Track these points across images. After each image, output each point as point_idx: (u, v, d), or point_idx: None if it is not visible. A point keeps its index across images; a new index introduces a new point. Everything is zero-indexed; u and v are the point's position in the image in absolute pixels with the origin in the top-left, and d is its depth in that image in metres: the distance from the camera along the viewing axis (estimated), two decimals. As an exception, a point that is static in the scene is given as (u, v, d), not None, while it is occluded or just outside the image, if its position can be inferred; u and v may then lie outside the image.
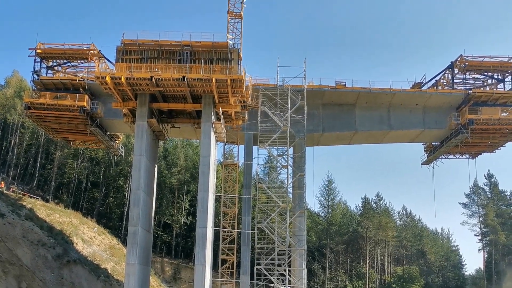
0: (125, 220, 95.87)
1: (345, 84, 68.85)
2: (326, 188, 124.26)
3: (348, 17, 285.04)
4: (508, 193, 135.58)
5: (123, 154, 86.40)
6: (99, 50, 65.46)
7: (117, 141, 77.76)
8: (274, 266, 62.58)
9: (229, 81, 54.02)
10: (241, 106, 60.64)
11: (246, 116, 64.00)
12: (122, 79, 53.65)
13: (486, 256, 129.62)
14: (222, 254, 66.35)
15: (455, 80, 71.81)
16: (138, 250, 53.20)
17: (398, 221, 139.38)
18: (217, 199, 72.28)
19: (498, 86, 72.12)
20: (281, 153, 67.01)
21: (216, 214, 67.05)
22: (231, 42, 59.03)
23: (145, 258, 56.15)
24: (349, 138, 74.15)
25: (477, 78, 73.36)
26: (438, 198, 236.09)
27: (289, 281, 61.94)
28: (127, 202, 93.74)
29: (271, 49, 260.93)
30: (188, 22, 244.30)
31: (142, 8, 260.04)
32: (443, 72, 72.53)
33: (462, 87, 71.35)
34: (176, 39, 57.07)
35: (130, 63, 55.95)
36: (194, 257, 66.63)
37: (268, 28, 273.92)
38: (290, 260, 64.39)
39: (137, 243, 53.22)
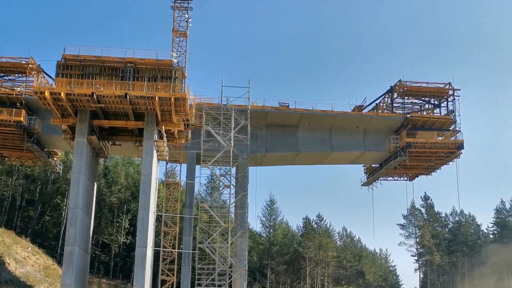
0: (62, 239, 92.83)
1: (288, 105, 69.64)
2: (268, 208, 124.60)
3: (293, 38, 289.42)
4: (443, 215, 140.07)
5: (61, 172, 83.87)
6: (38, 64, 63.81)
7: (55, 158, 75.54)
8: (215, 286, 61.98)
9: (172, 99, 53.58)
10: (185, 124, 60.17)
11: (189, 135, 63.56)
12: (62, 94, 52.30)
13: (422, 276, 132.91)
14: (162, 275, 65.18)
15: (394, 104, 73.97)
16: (74, 271, 51.49)
17: (338, 242, 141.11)
18: (158, 219, 71.10)
19: (435, 111, 74.66)
20: (224, 173, 66.91)
21: (157, 233, 65.92)
22: (175, 60, 58.80)
23: (81, 279, 54.39)
24: (291, 159, 74.80)
25: (415, 102, 75.76)
26: (377, 219, 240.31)
27: (230, 302, 61.45)
28: (64, 221, 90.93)
29: (216, 69, 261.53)
30: (133, 40, 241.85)
31: (86, 24, 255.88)
32: (383, 96, 74.54)
33: (401, 111, 73.49)
34: (119, 55, 56.18)
35: (71, 78, 54.61)
36: (133, 278, 65.13)
37: (213, 48, 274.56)
38: (231, 280, 63.92)
39: (74, 263, 51.54)
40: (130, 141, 61.14)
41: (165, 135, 57.26)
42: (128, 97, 52.82)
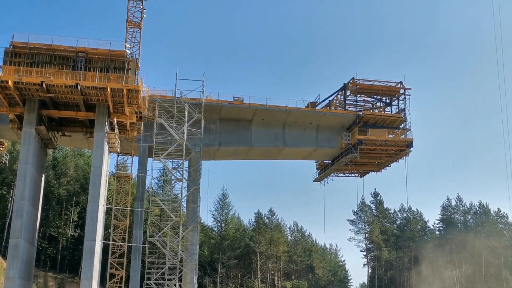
0: (7, 232, 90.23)
1: (242, 100, 69.62)
2: (220, 203, 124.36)
3: (249, 34, 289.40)
4: (392, 211, 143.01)
5: (7, 162, 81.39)
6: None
7: (1, 148, 73.27)
8: (165, 280, 61.51)
9: (125, 90, 52.69)
10: (137, 117, 59.30)
11: (142, 127, 62.68)
12: (10, 83, 50.64)
13: (370, 271, 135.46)
14: (111, 268, 64.17)
15: (347, 102, 74.98)
16: (19, 264, 50.12)
17: (289, 237, 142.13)
18: (108, 212, 69.98)
19: (386, 109, 76.06)
20: (176, 166, 66.33)
21: (106, 227, 64.90)
22: (129, 51, 57.75)
23: (26, 272, 52.98)
24: (245, 154, 74.85)
25: (367, 100, 77.00)
26: (328, 214, 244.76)
27: (180, 296, 61.11)
28: (10, 213, 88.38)
29: (171, 61, 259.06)
30: (85, 29, 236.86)
31: (35, 11, 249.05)
32: (336, 93, 75.43)
33: (353, 109, 74.58)
34: (71, 44, 54.84)
35: (19, 66, 52.99)
36: (80, 271, 63.93)
37: (168, 40, 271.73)
38: (181, 274, 63.57)
39: (19, 256, 50.16)
40: (81, 132, 59.81)
41: (116, 127, 56.24)
42: (79, 87, 51.62)
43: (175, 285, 60.71)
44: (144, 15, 63.05)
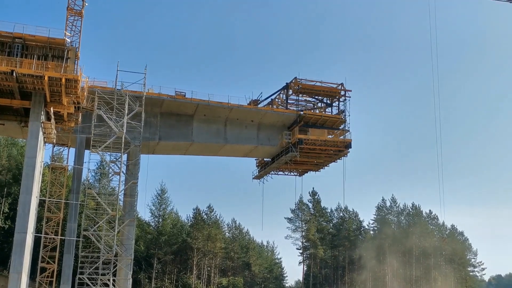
0: None
1: (185, 95, 69.03)
2: (158, 197, 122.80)
3: (194, 29, 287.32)
4: (329, 210, 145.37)
5: None
6: None
7: None
8: (98, 275, 60.30)
9: (63, 80, 51.27)
10: (75, 107, 57.84)
11: (80, 118, 61.15)
12: None
13: (305, 269, 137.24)
14: (42, 262, 62.29)
15: (289, 101, 75.60)
16: None
17: (227, 233, 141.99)
18: (41, 204, 67.88)
19: (327, 110, 77.18)
20: (115, 159, 65.11)
21: (39, 219, 62.92)
22: (68, 40, 56.21)
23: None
24: (185, 149, 74.29)
25: (309, 100, 77.88)
26: (266, 212, 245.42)
27: (113, 291, 60.06)
28: None
29: (112, 52, 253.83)
30: (25, 16, 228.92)
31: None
32: (279, 92, 75.93)
33: (294, 108, 75.27)
34: (7, 29, 52.90)
35: (-50, 49, 50.67)
36: (9, 265, 61.78)
37: (111, 31, 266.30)
38: (116, 269, 62.46)
39: None
40: (15, 121, 57.77)
41: (53, 117, 54.64)
42: (14, 74, 49.80)
43: (108, 280, 59.65)
44: (86, 3, 61.38)
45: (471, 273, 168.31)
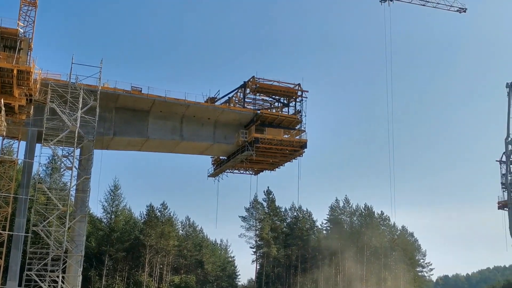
0: None
1: (141, 90, 68.15)
2: (111, 194, 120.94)
3: (155, 27, 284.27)
4: (283, 210, 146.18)
5: None
6: None
7: None
8: (47, 272, 58.97)
9: (15, 71, 49.98)
10: (27, 99, 56.39)
11: (32, 111, 59.62)
12: None
13: (258, 267, 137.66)
14: (-12, 258, 60.48)
15: (246, 100, 75.56)
16: None
17: (180, 231, 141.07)
18: (-11, 198, 65.85)
19: (284, 109, 77.51)
20: (67, 154, 63.82)
21: (-14, 214, 61.02)
22: (21, 30, 54.71)
23: None
24: (140, 145, 73.39)
25: (266, 100, 78.06)
26: (221, 210, 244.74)
27: (62, 288, 58.85)
28: None
29: (68, 45, 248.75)
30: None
31: None
32: (236, 91, 75.83)
33: (251, 107, 75.31)
34: (-44, 17, 51.12)
35: None
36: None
37: (66, 23, 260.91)
38: (65, 266, 61.22)
39: None
40: (-37, 112, 55.84)
41: (3, 108, 53.11)
42: (-37, 63, 48.20)
43: (58, 276, 58.39)
44: (41, -6, 59.87)
45: (420, 273, 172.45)
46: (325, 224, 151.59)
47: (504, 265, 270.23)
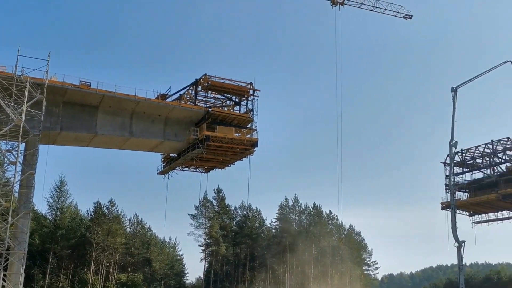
0: None
1: (90, 85, 66.74)
2: (57, 190, 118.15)
3: (106, 22, 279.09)
4: (233, 208, 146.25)
5: None
6: None
7: None
8: (-13, 270, 56.99)
9: (-43, 61, 47.96)
10: (-31, 91, 54.31)
11: (-26, 103, 57.50)
12: None
13: (207, 266, 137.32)
14: None
15: (197, 97, 75.11)
16: None
17: (128, 228, 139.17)
18: None
19: (235, 108, 77.43)
20: (11, 148, 61.81)
21: None
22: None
23: None
24: (88, 140, 71.89)
25: (218, 98, 77.79)
26: (170, 208, 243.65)
27: (3, 286, 57.01)
28: None
29: (14, 36, 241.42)
30: None
31: None
32: (188, 88, 75.25)
33: (203, 104, 74.89)
34: None
35: None
36: None
37: (14, 14, 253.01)
38: (7, 263, 59.35)
39: None
40: None
41: None
42: None
43: (-1, 275, 56.53)
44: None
45: (366, 272, 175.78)
46: (274, 222, 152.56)
47: (446, 264, 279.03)
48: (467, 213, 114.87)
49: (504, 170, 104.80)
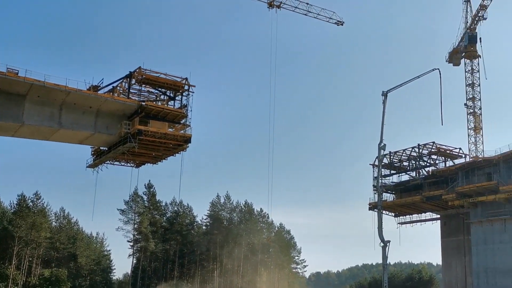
0: None
1: (17, 73, 63.96)
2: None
3: (39, 9, 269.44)
4: (164, 204, 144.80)
5: None
6: None
7: None
8: None
9: None
10: None
11: None
12: None
13: (135, 262, 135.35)
14: None
15: (131, 90, 73.52)
16: None
17: (54, 222, 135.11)
18: None
19: (170, 103, 76.33)
20: None
21: None
22: None
23: None
24: (13, 130, 68.97)
25: (152, 92, 76.44)
26: (99, 203, 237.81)
27: None
28: None
29: None
30: None
31: None
32: (121, 80, 73.52)
33: (136, 98, 73.38)
34: None
35: None
36: None
37: None
38: None
39: None
40: None
41: None
42: None
43: None
44: None
45: (294, 270, 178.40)
46: (205, 219, 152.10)
47: (372, 263, 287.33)
48: (393, 214, 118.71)
49: (429, 173, 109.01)
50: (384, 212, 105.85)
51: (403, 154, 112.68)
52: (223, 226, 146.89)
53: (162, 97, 77.09)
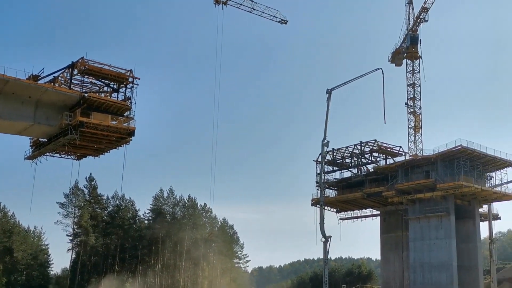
0: None
1: (-49, 59, 61.34)
2: None
3: None
4: (105, 197, 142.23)
5: None
6: None
7: None
8: None
9: None
10: None
11: None
12: None
13: (74, 256, 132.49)
14: None
15: (73, 81, 71.69)
16: None
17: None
18: None
19: (113, 95, 74.84)
20: None
21: None
22: None
23: None
24: None
25: (95, 83, 74.77)
26: (37, 195, 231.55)
27: None
28: None
29: None
30: None
31: None
32: (63, 70, 71.57)
33: (79, 89, 71.60)
34: None
35: None
36: None
37: None
38: None
39: None
40: None
41: None
42: None
43: None
44: None
45: (236, 265, 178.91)
46: (147, 214, 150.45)
47: (313, 258, 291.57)
48: (335, 210, 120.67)
49: (370, 170, 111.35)
50: (326, 208, 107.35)
51: (346, 151, 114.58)
52: (166, 220, 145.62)
53: (105, 88, 75.48)
